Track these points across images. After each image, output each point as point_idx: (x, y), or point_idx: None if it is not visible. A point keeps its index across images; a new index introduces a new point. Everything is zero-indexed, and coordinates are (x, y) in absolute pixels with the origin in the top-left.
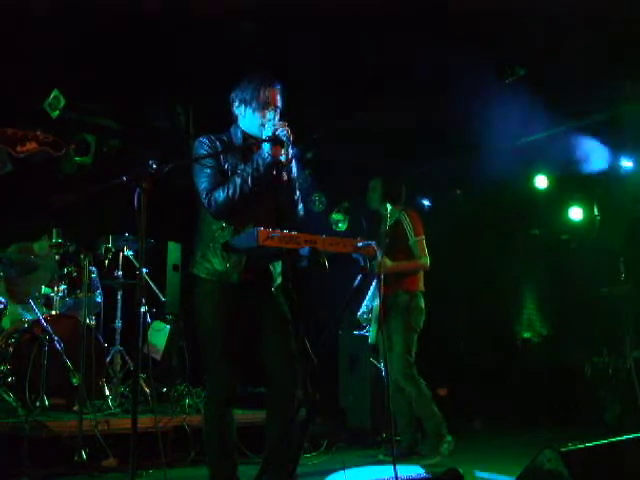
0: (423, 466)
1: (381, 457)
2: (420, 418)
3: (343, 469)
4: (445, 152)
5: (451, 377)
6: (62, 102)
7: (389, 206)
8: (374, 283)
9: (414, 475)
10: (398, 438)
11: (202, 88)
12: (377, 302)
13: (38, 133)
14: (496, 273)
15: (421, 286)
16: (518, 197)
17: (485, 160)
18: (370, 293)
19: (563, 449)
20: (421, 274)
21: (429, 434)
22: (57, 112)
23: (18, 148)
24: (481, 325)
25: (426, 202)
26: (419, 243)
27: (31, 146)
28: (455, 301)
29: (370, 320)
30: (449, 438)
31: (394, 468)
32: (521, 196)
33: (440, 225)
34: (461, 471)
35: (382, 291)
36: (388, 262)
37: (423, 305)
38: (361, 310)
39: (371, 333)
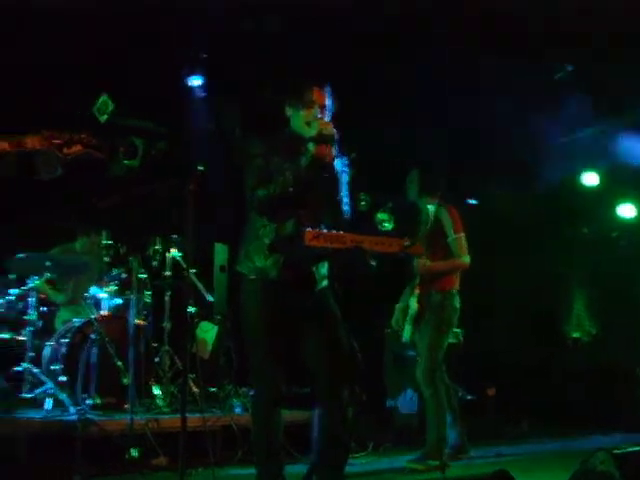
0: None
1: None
2: (427, 422)
3: None
4: (492, 151)
5: (498, 376)
6: (110, 107)
7: (427, 201)
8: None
9: None
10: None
11: (249, 90)
12: (412, 301)
13: (83, 136)
14: (545, 271)
15: (456, 285)
16: (567, 195)
17: (534, 158)
18: (405, 292)
19: (616, 451)
20: (457, 273)
21: (428, 441)
22: (106, 116)
23: (65, 150)
24: (530, 323)
25: (472, 201)
26: (458, 241)
27: (77, 149)
28: (504, 299)
29: (404, 319)
30: (442, 458)
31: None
32: (570, 194)
33: (488, 222)
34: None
35: (418, 290)
36: (427, 262)
37: (457, 304)
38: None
39: (405, 332)
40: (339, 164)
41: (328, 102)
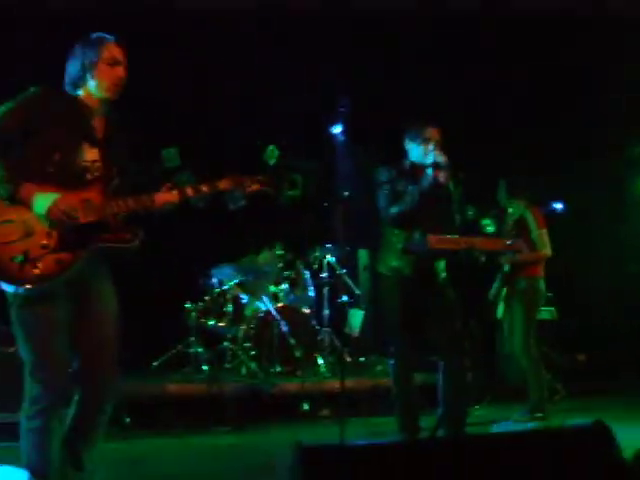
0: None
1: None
2: (528, 384)
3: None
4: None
5: (591, 345)
6: (276, 153)
7: (513, 205)
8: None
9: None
10: None
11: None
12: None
13: (260, 177)
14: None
15: (541, 272)
16: None
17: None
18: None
19: None
20: (542, 262)
21: (530, 400)
22: (274, 160)
23: (247, 189)
24: (625, 293)
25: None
26: (541, 236)
27: (255, 187)
28: (599, 270)
29: (497, 299)
30: (542, 415)
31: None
32: None
33: (584, 194)
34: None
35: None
36: (512, 258)
37: (543, 287)
38: (491, 291)
39: (499, 310)
40: (451, 184)
41: (440, 136)
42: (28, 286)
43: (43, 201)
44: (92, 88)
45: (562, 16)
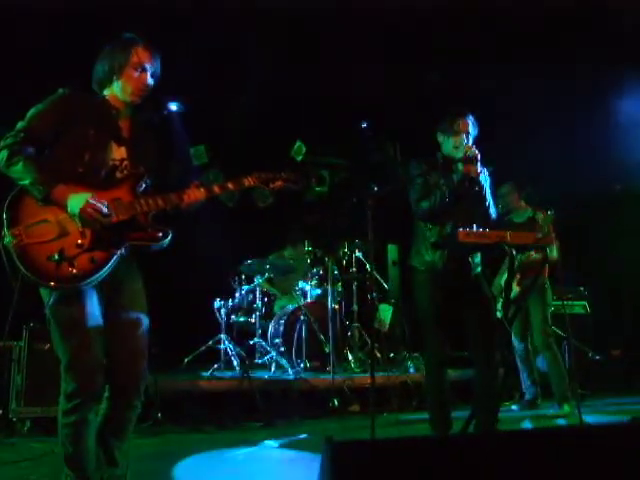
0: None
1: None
2: (551, 380)
3: None
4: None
5: (625, 340)
6: (304, 149)
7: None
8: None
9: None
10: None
11: (406, 126)
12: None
13: (283, 174)
14: None
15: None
16: None
17: None
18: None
19: None
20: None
21: (555, 394)
22: (301, 157)
23: (271, 185)
24: None
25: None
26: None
27: (279, 183)
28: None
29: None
30: (572, 402)
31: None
32: None
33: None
34: None
35: (518, 275)
36: (533, 253)
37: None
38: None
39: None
40: (483, 177)
41: (471, 129)
42: (64, 285)
43: (76, 201)
44: (117, 90)
45: None
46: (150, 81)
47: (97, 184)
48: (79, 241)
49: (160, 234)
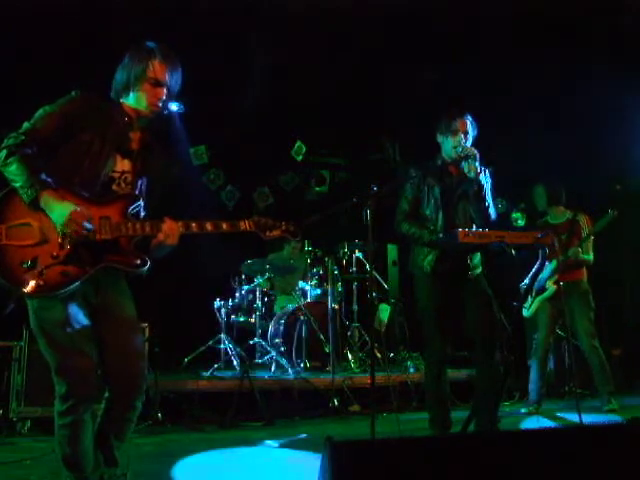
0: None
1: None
2: (597, 381)
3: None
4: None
5: (625, 339)
6: (304, 149)
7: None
8: (548, 265)
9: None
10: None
11: (405, 126)
12: (549, 283)
13: (283, 224)
14: None
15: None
16: None
17: None
18: (546, 272)
19: None
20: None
21: (601, 393)
22: (301, 157)
23: (267, 233)
24: None
25: None
26: (590, 243)
27: (277, 233)
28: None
29: (530, 294)
30: (613, 401)
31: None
32: None
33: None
34: None
35: (557, 276)
36: (579, 250)
37: None
38: (526, 283)
39: (531, 308)
40: (482, 177)
41: (470, 128)
42: (31, 293)
43: (61, 210)
44: (133, 101)
45: None
46: (163, 96)
47: (90, 196)
48: (55, 252)
49: (138, 261)
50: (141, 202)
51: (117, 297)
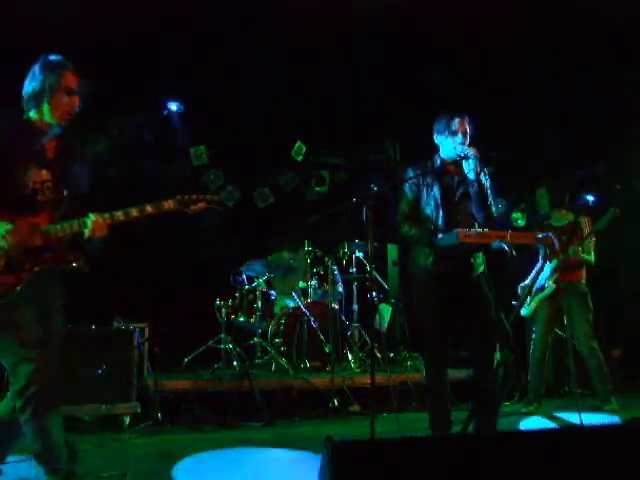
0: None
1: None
2: (596, 382)
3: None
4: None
5: (624, 340)
6: (304, 149)
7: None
8: (549, 265)
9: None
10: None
11: (405, 126)
12: (549, 283)
13: (207, 196)
14: None
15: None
16: None
17: None
18: (546, 272)
19: None
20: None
21: (600, 393)
22: (301, 157)
23: (192, 207)
24: None
25: (590, 198)
26: (591, 244)
27: (201, 206)
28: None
29: (529, 294)
30: (613, 401)
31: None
32: None
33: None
34: None
35: (557, 274)
36: (580, 249)
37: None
38: (527, 283)
39: (529, 308)
40: (483, 177)
41: (469, 128)
42: None
43: None
44: (46, 111)
45: None
46: (77, 104)
47: (17, 209)
48: None
49: (72, 258)
50: (66, 203)
51: (49, 311)
